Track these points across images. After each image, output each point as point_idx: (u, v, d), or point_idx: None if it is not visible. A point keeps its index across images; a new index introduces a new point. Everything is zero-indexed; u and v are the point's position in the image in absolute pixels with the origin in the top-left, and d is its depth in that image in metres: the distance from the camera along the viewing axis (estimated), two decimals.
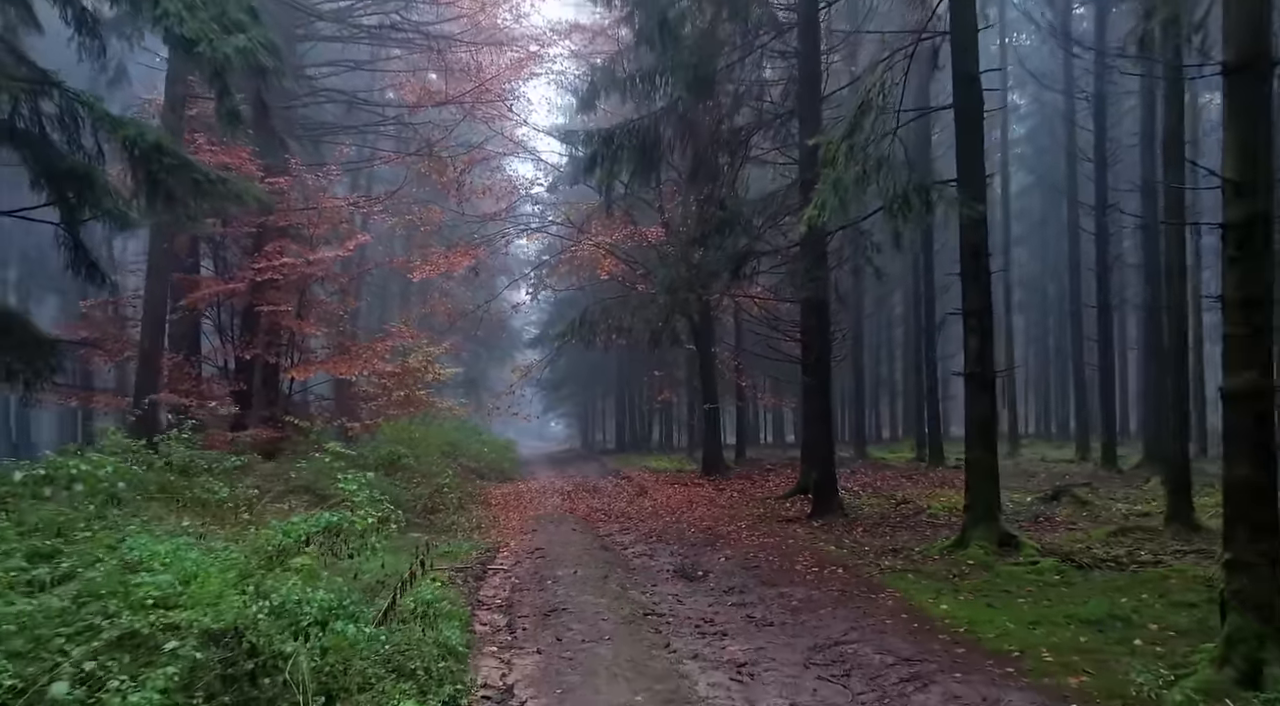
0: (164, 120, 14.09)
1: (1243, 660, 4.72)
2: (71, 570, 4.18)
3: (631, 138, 10.73)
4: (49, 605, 3.54)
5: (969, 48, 8.94)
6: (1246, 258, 4.87)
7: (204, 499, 7.05)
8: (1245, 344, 4.90)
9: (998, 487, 9.28)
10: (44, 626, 3.36)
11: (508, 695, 5.20)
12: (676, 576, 8.85)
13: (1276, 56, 4.85)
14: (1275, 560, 4.89)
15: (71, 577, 4.11)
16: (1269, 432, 4.95)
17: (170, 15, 6.47)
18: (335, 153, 18.18)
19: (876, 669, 5.51)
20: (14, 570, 3.97)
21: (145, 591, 3.71)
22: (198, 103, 15.16)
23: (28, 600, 3.58)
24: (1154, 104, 12.71)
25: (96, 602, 3.58)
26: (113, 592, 3.69)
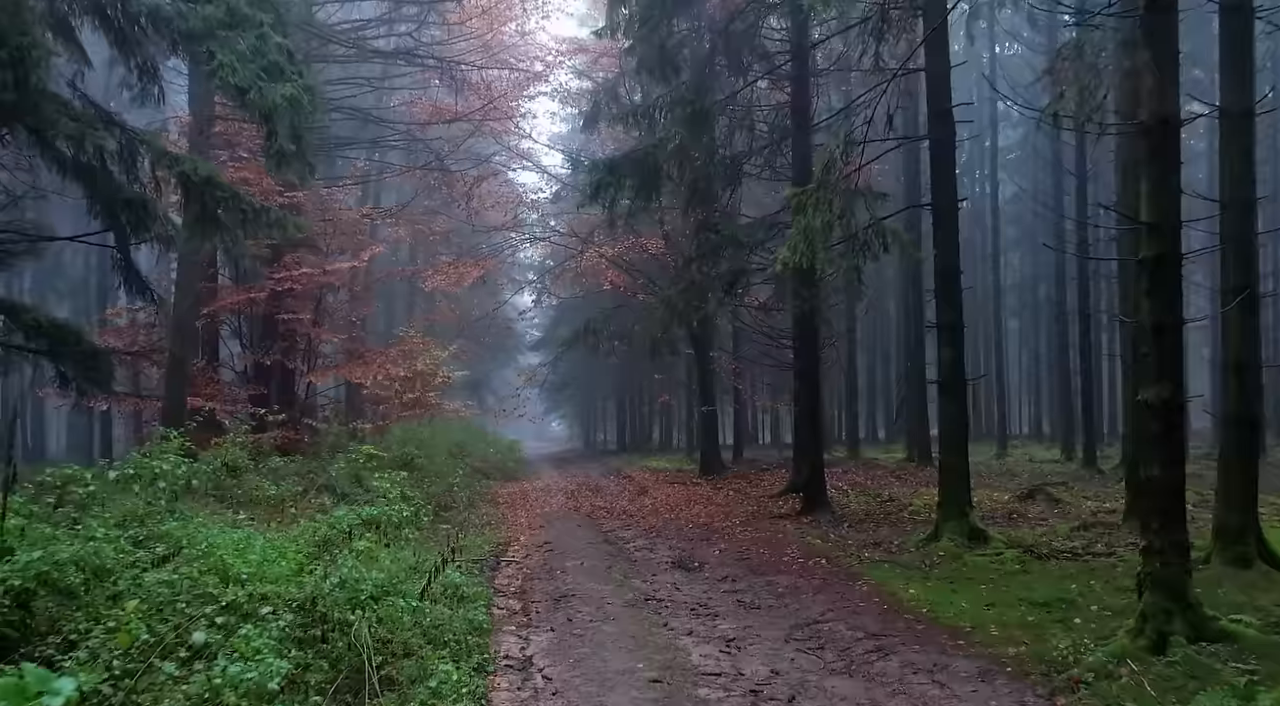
0: (191, 140, 14.97)
1: (1154, 631, 5.56)
2: (167, 553, 5.01)
3: (633, 166, 11.61)
4: (162, 578, 4.37)
5: (942, 85, 9.78)
6: (1159, 290, 5.71)
7: (253, 496, 7.89)
8: (1159, 362, 5.74)
9: (968, 486, 10.12)
10: (163, 595, 4.19)
11: (527, 664, 6.03)
12: (674, 567, 9.67)
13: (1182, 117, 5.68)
14: (1183, 547, 5.73)
15: (168, 559, 4.94)
16: (1180, 437, 5.79)
17: (225, 67, 7.30)
18: (350, 167, 19.00)
19: (847, 642, 6.35)
20: (124, 552, 4.80)
21: (238, 569, 4.55)
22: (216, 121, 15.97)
23: (145, 575, 4.41)
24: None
25: (202, 577, 4.41)
26: (212, 570, 4.52)
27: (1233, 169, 7.90)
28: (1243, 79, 7.88)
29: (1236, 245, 7.85)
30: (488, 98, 17.88)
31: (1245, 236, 7.85)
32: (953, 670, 5.60)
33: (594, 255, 19.74)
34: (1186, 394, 5.79)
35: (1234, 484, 7.92)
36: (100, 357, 9.43)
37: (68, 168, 8.28)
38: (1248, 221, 7.87)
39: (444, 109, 17.94)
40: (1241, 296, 7.68)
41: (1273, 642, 5.49)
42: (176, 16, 7.43)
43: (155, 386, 16.90)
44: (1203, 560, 8.06)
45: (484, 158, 21.00)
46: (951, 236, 9.92)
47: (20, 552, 4.32)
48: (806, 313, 12.00)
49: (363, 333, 22.30)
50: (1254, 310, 7.93)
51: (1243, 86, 7.86)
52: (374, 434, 19.42)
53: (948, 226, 9.85)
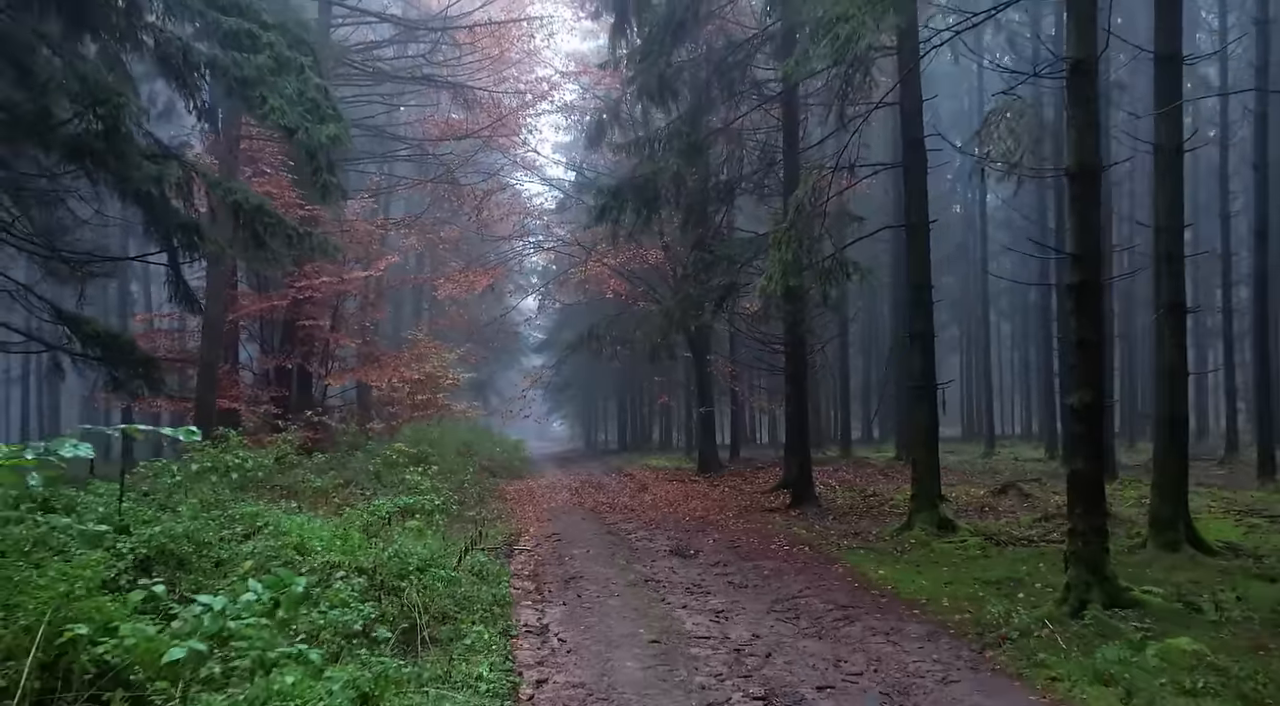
0: (221, 158, 15.98)
1: (1075, 599, 6.59)
2: (248, 531, 6.03)
3: (634, 191, 12.64)
4: (254, 549, 5.38)
5: (915, 116, 10.79)
6: (1083, 311, 6.72)
7: (300, 487, 8.89)
8: (1083, 372, 6.76)
9: (939, 480, 11.15)
10: (260, 561, 5.20)
11: (544, 630, 7.03)
12: (672, 554, 10.67)
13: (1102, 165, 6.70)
14: (1100, 530, 6.75)
15: (250, 536, 5.96)
16: (1099, 436, 6.80)
17: (276, 110, 8.29)
18: (367, 182, 20.01)
19: (820, 612, 7.36)
20: (213, 531, 5.80)
21: (312, 543, 5.57)
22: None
23: (239, 547, 5.42)
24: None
25: (283, 549, 5.42)
26: (292, 545, 5.53)
27: (1167, 198, 8.92)
28: (1175, 119, 8.90)
29: (1169, 264, 8.87)
30: (496, 115, 18.89)
31: (1176, 257, 8.87)
32: (905, 632, 6.62)
33: (597, 265, 20.78)
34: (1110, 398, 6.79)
35: (1167, 478, 8.94)
36: (152, 364, 10.45)
37: (129, 195, 9.29)
38: (1178, 244, 8.88)
39: (455, 125, 18.95)
40: (1171, 310, 8.69)
41: (1172, 609, 6.51)
42: (232, 65, 8.43)
43: (178, 388, 17.91)
44: (1140, 545, 9.11)
45: (492, 171, 22.02)
46: (923, 254, 10.94)
47: (136, 529, 5.33)
48: (793, 324, 13.05)
49: (375, 337, 23.32)
50: (1183, 323, 8.94)
51: (1175, 125, 8.88)
52: (386, 433, 20.44)
53: (919, 245, 10.87)
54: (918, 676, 5.59)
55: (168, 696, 3.68)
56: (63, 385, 26.20)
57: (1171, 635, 5.77)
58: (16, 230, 8.56)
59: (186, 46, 8.54)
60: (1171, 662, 5.35)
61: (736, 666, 5.90)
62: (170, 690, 3.74)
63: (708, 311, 13.85)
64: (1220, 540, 9.40)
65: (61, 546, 4.62)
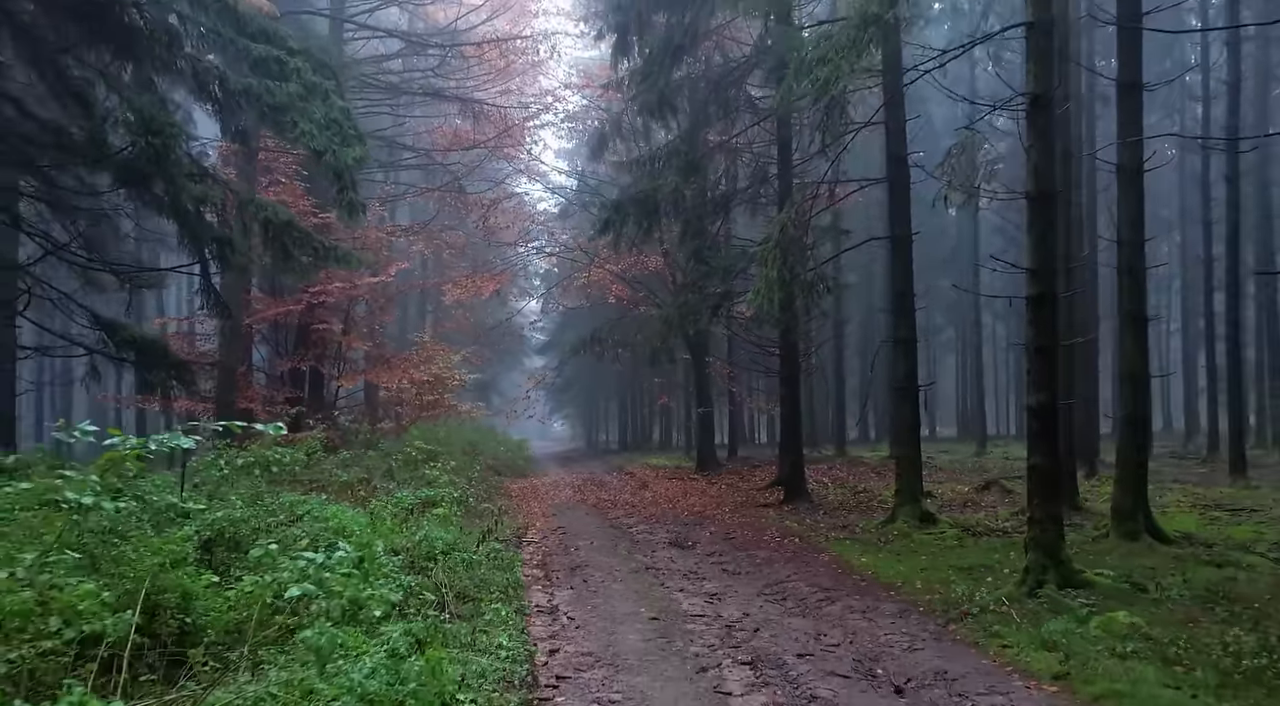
0: (239, 169, 16.71)
1: (1033, 581, 7.31)
2: (291, 517, 6.76)
3: (635, 205, 13.38)
4: (301, 532, 6.11)
5: (899, 136, 11.52)
6: (1039, 321, 7.45)
7: (327, 480, 9.60)
8: (1039, 376, 7.49)
9: (920, 477, 11.88)
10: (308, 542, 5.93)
11: (554, 609, 7.76)
12: (671, 545, 11.40)
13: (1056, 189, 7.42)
14: (1057, 518, 7.48)
15: (294, 522, 6.69)
16: (1054, 434, 7.53)
17: (306, 134, 9.01)
18: (377, 190, 20.74)
19: (805, 595, 8.09)
20: (262, 517, 6.53)
21: (351, 528, 6.30)
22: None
23: (286, 530, 6.15)
24: None
25: (325, 533, 6.14)
26: (333, 529, 6.26)
27: (1129, 215, 9.65)
28: (1136, 142, 9.62)
29: (1130, 277, 9.60)
30: (503, 126, 19.63)
31: (1137, 269, 9.60)
32: (880, 610, 7.35)
33: (600, 271, 21.52)
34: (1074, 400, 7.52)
35: (1128, 473, 9.67)
36: (184, 367, 11.18)
37: (166, 211, 10.03)
38: (1139, 258, 9.62)
39: (463, 136, 19.68)
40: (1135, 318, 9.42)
41: (1119, 589, 7.23)
42: (265, 93, 9.14)
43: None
44: (1104, 535, 9.84)
45: (498, 180, 22.75)
46: (906, 264, 11.68)
47: (195, 515, 6.06)
48: (785, 329, 13.77)
49: (384, 340, 24.05)
50: (1144, 331, 9.66)
51: (1135, 149, 9.61)
52: (396, 433, 21.17)
53: (903, 255, 11.60)
54: (887, 646, 6.32)
55: (238, 653, 4.42)
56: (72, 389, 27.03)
57: (1114, 610, 6.49)
58: (73, 247, 9.29)
59: (223, 75, 9.26)
60: (1110, 632, 6.08)
61: (727, 639, 6.63)
62: (238, 647, 4.48)
63: (705, 317, 14.63)
64: (1179, 531, 10.13)
65: (138, 527, 5.35)
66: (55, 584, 3.52)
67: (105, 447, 4.46)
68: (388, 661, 3.47)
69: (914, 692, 5.31)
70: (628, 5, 13.38)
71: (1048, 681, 5.35)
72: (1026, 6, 7.41)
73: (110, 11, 8.67)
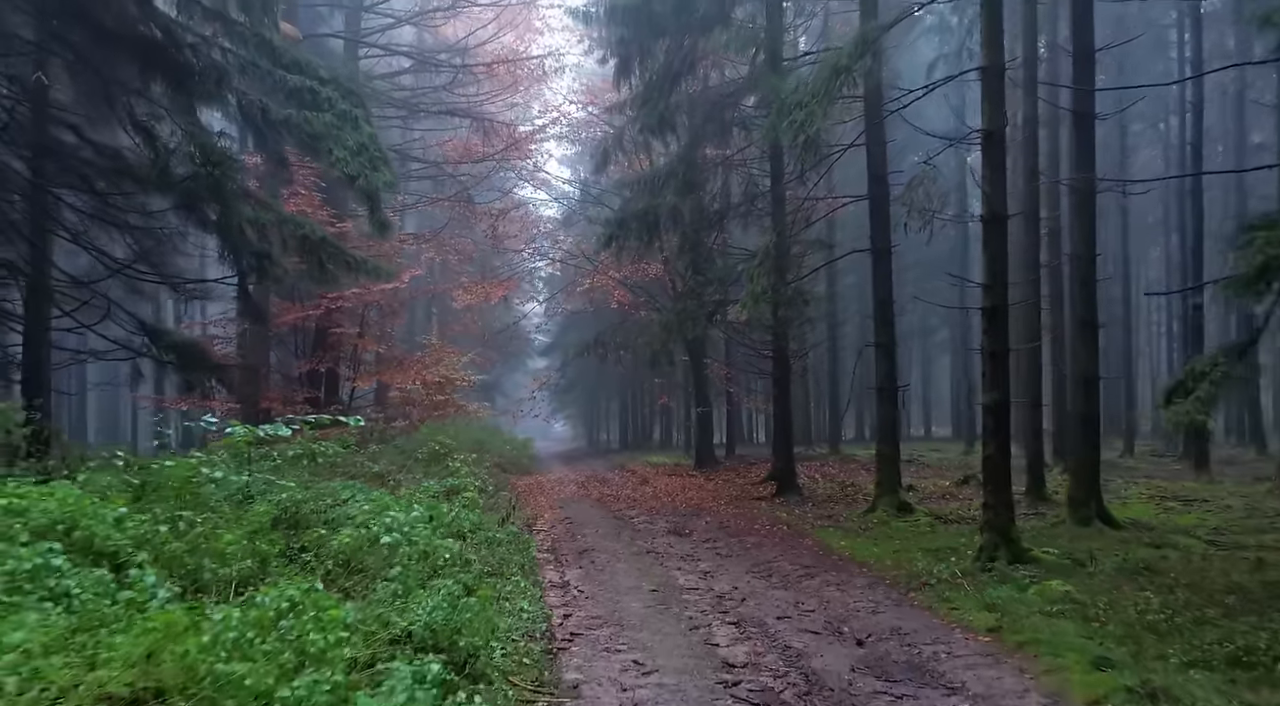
0: (265, 184, 17.74)
1: (986, 558, 8.34)
2: (338, 500, 7.79)
3: (637, 221, 14.43)
4: (352, 512, 7.14)
5: (879, 156, 12.55)
6: (992, 329, 8.48)
7: (360, 471, 10.61)
8: (991, 378, 8.52)
9: (899, 471, 12.92)
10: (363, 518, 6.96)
11: (566, 584, 8.78)
12: (670, 533, 12.42)
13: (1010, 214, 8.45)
14: (1008, 503, 8.51)
15: (343, 504, 7.71)
16: (1005, 429, 8.56)
17: (341, 161, 10.03)
18: (392, 201, 21.76)
19: (788, 572, 9.12)
20: (317, 500, 7.56)
21: (393, 508, 7.32)
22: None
23: (338, 509, 7.17)
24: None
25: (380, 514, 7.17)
26: (375, 509, 7.28)
27: (1082, 232, 10.68)
28: (1089, 163, 10.66)
29: (1083, 288, 10.63)
30: (511, 139, 20.67)
31: (1089, 280, 10.63)
32: (852, 583, 8.38)
33: (603, 277, 22.58)
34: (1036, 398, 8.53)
35: (1082, 467, 10.70)
36: (223, 369, 12.22)
37: (211, 228, 11.06)
38: (1091, 270, 10.65)
39: (472, 149, 20.73)
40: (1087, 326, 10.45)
41: (1061, 564, 8.27)
42: (303, 122, 10.16)
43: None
44: (1061, 522, 10.87)
45: (505, 190, 23.79)
46: (886, 274, 12.71)
47: (259, 498, 7.08)
48: (777, 334, 14.81)
49: (395, 342, 25.08)
50: (1095, 337, 10.68)
51: (1089, 169, 10.64)
52: (409, 431, 22.18)
53: (883, 267, 12.64)
54: (855, 610, 7.35)
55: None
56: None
57: (1051, 580, 7.53)
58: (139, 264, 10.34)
59: (265, 107, 10.28)
60: (1044, 598, 7.11)
61: (717, 606, 7.66)
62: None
63: (701, 323, 15.69)
64: (1130, 518, 11.16)
65: (219, 505, 6.38)
66: (204, 534, 4.56)
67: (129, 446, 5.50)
68: (446, 600, 4.48)
69: (872, 644, 6.34)
70: (630, 39, 14.45)
71: (983, 633, 6.39)
72: (982, 51, 8.44)
73: (166, 51, 9.70)
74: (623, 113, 15.96)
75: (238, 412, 17.66)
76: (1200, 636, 5.82)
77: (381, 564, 5.23)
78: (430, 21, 21.00)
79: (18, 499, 3.96)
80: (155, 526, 4.45)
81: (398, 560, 5.19)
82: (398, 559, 5.24)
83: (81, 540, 3.97)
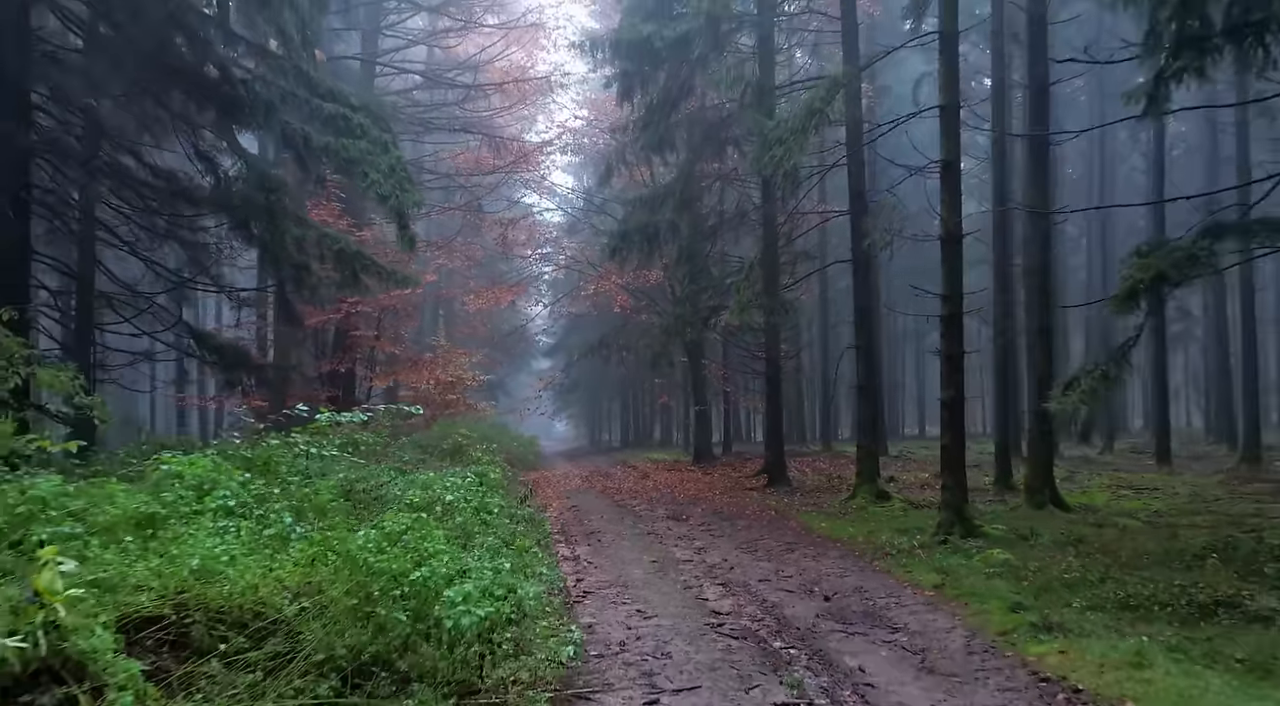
0: (292, 195, 19.00)
1: (943, 532, 9.60)
2: (381, 483, 9.04)
3: (639, 234, 15.74)
4: (400, 492, 8.39)
5: (859, 175, 13.80)
6: (950, 334, 9.73)
7: (392, 460, 11.87)
8: (948, 377, 9.77)
9: (877, 463, 14.19)
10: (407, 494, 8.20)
11: (576, 558, 10.04)
12: (668, 518, 13.66)
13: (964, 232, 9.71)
14: (962, 484, 9.76)
15: (384, 484, 8.97)
16: (960, 422, 9.82)
17: (375, 183, 11.27)
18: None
19: (772, 547, 10.37)
20: (367, 480, 8.81)
21: (431, 487, 8.58)
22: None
23: (388, 488, 8.43)
24: None
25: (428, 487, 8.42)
26: (423, 486, 8.53)
27: (1037, 247, 11.93)
28: (1044, 188, 11.91)
29: (1040, 297, 11.88)
30: (520, 152, 21.94)
31: (1046, 290, 11.88)
32: (826, 555, 9.64)
33: (606, 283, 23.89)
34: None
35: (1038, 457, 11.95)
36: (263, 369, 13.48)
37: (255, 242, 12.32)
38: (1047, 280, 11.89)
39: (483, 162, 22.01)
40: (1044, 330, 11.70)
41: (1007, 538, 9.52)
42: (341, 149, 11.41)
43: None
44: (1019, 506, 12.13)
45: (513, 199, 25.06)
46: (865, 283, 13.96)
47: (316, 478, 8.32)
48: (768, 338, 16.08)
49: (409, 344, 26.35)
50: (1050, 343, 11.93)
51: (1044, 193, 11.89)
52: (423, 427, 23.41)
53: (862, 276, 13.89)
54: (826, 575, 8.60)
55: None
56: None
57: (993, 549, 8.78)
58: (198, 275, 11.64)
59: (306, 134, 11.52)
60: (986, 563, 8.36)
61: (709, 573, 8.91)
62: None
63: (698, 328, 16.99)
64: (1082, 504, 12.41)
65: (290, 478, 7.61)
66: (308, 494, 5.83)
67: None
68: (489, 552, 5.71)
69: (837, 599, 7.59)
70: (632, 71, 15.73)
71: (929, 590, 7.64)
72: (940, 93, 9.68)
73: (221, 87, 10.97)
74: (625, 133, 17.25)
75: (267, 409, 18.97)
76: (1102, 589, 7.07)
77: (446, 514, 6.53)
78: (442, 41, 22.27)
79: (176, 465, 5.20)
80: (270, 488, 5.68)
81: (457, 511, 6.47)
82: (457, 511, 6.53)
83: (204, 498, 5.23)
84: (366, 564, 3.87)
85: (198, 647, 3.69)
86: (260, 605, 3.68)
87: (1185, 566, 7.68)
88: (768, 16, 14.66)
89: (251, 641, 3.70)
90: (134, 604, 3.55)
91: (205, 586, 3.70)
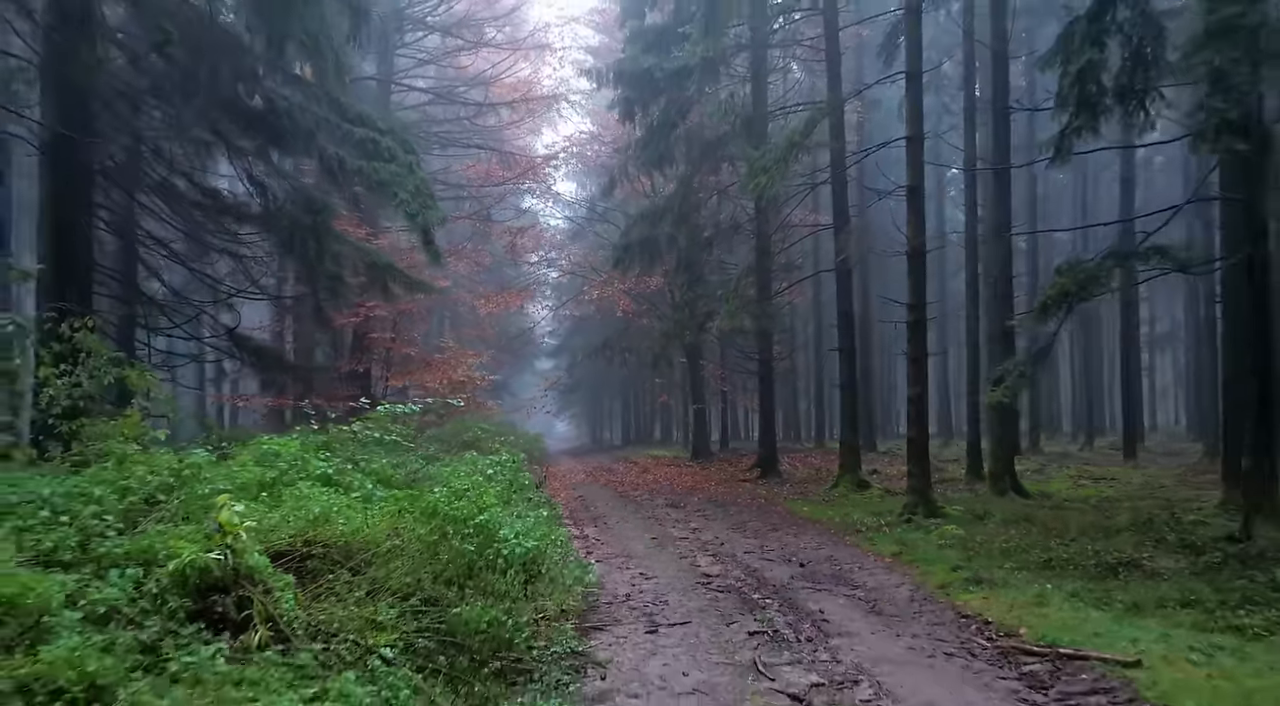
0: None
1: (908, 513, 10.91)
2: (412, 464, 10.35)
3: (640, 246, 17.08)
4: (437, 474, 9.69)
5: (841, 193, 15.11)
6: (915, 337, 11.04)
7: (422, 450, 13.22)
8: (914, 377, 11.08)
9: (859, 456, 15.50)
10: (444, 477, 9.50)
11: (585, 537, 11.35)
12: (667, 505, 14.97)
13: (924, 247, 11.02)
14: (925, 471, 11.07)
15: (418, 470, 10.28)
16: (925, 416, 11.12)
17: (404, 202, 12.56)
18: None
19: (759, 528, 11.69)
20: (406, 466, 10.11)
21: (462, 473, 9.89)
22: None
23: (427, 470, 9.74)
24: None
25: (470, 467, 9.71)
26: (464, 464, 9.83)
27: (1000, 255, 13.24)
28: (1005, 204, 13.21)
29: (1002, 302, 13.19)
30: (528, 165, 23.26)
31: (1006, 295, 13.18)
32: (806, 533, 10.96)
33: (609, 288, 25.26)
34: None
35: (1000, 449, 13.25)
36: (298, 370, 14.78)
37: (296, 258, 13.62)
38: (1008, 287, 13.20)
39: (493, 173, 23.33)
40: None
41: (963, 517, 10.83)
42: (373, 171, 12.70)
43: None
44: (984, 493, 13.43)
45: (521, 208, 26.38)
46: (846, 291, 15.28)
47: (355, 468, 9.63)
48: (761, 340, 17.41)
49: (421, 346, 27.67)
50: (1013, 345, 13.22)
51: (1004, 210, 13.19)
52: (437, 424, 24.72)
53: (844, 284, 15.20)
54: (803, 548, 9.92)
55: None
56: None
57: (948, 526, 10.09)
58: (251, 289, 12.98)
59: (341, 158, 12.81)
60: (940, 537, 9.67)
61: (702, 548, 10.22)
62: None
63: (695, 331, 18.35)
64: (1041, 491, 13.72)
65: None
66: (377, 469, 7.18)
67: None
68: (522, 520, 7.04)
69: (810, 566, 8.90)
70: (634, 98, 17.07)
71: (888, 557, 8.96)
72: (905, 125, 10.98)
73: (267, 117, 12.28)
74: (627, 150, 18.57)
75: (292, 407, 20.32)
76: (1030, 554, 8.38)
77: (489, 483, 7.87)
78: (454, 60, 23.58)
79: (274, 445, 6.53)
80: (344, 463, 6.99)
81: (496, 482, 7.81)
82: (496, 482, 7.87)
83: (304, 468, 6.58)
84: (442, 511, 5.19)
85: (314, 574, 5.02)
86: (364, 543, 5.00)
87: (1105, 536, 8.99)
88: (760, 52, 15.99)
89: (353, 572, 5.03)
90: (271, 540, 4.87)
91: (320, 529, 5.02)
